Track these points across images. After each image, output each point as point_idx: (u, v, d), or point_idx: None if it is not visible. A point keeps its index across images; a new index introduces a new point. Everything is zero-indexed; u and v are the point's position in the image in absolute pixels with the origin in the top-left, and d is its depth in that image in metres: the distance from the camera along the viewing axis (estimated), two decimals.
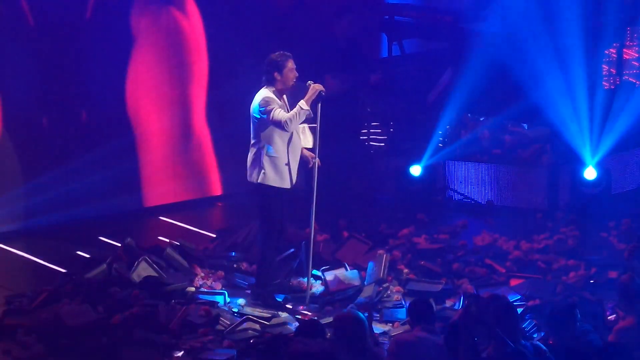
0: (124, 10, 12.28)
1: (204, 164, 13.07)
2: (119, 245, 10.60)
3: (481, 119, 13.19)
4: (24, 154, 11.78)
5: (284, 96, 9.33)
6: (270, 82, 9.26)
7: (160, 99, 12.67)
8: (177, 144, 12.85)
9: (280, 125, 9.09)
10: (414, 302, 7.52)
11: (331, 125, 9.96)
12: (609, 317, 8.62)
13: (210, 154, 13.08)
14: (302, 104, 9.13)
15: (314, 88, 9.19)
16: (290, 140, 9.27)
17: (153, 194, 12.72)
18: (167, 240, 10.96)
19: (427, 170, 12.56)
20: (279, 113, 9.08)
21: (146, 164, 12.66)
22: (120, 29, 12.23)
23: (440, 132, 12.92)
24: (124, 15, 12.28)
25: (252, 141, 9.35)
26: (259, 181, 9.28)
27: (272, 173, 9.26)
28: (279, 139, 9.23)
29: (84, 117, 12.13)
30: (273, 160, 9.25)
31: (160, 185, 12.76)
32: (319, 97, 9.20)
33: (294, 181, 9.36)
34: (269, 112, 9.10)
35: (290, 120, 9.07)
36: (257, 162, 9.29)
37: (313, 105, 9.21)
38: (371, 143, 13.37)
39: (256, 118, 9.21)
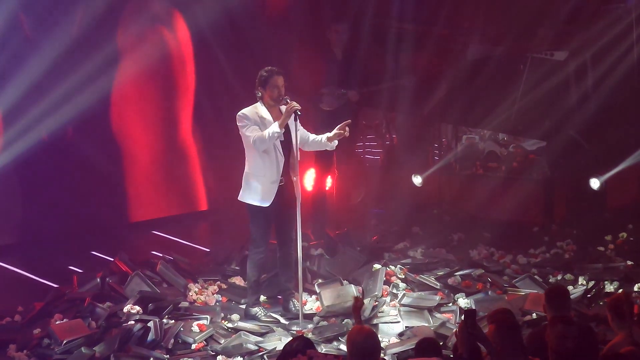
0: (111, 26, 12.23)
1: (190, 179, 13.04)
2: (112, 259, 10.53)
3: (476, 131, 13.15)
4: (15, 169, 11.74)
5: (280, 108, 9.24)
6: (258, 97, 9.21)
7: (147, 114, 12.65)
8: (165, 160, 12.81)
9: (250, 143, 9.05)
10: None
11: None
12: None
13: (197, 169, 13.04)
14: (275, 126, 9.04)
15: (289, 106, 9.10)
16: (273, 157, 9.17)
17: (143, 208, 12.68)
18: (161, 255, 10.90)
19: (423, 183, 12.50)
20: (250, 131, 9.01)
21: (136, 179, 12.63)
22: (107, 45, 12.19)
23: (435, 145, 12.87)
24: (112, 30, 12.24)
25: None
26: (240, 199, 9.22)
27: (251, 191, 9.18)
28: (258, 157, 9.12)
29: (72, 133, 12.06)
30: (254, 177, 9.17)
31: (151, 199, 12.73)
32: (295, 115, 9.11)
33: (272, 199, 9.24)
34: (241, 129, 9.07)
35: (260, 140, 8.96)
36: (244, 180, 9.24)
37: (290, 121, 9.13)
38: (366, 156, 13.34)
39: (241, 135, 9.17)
